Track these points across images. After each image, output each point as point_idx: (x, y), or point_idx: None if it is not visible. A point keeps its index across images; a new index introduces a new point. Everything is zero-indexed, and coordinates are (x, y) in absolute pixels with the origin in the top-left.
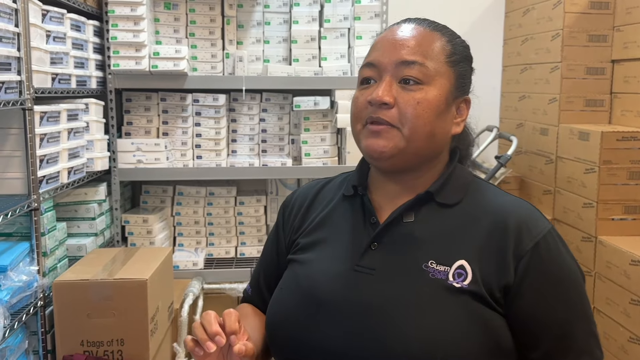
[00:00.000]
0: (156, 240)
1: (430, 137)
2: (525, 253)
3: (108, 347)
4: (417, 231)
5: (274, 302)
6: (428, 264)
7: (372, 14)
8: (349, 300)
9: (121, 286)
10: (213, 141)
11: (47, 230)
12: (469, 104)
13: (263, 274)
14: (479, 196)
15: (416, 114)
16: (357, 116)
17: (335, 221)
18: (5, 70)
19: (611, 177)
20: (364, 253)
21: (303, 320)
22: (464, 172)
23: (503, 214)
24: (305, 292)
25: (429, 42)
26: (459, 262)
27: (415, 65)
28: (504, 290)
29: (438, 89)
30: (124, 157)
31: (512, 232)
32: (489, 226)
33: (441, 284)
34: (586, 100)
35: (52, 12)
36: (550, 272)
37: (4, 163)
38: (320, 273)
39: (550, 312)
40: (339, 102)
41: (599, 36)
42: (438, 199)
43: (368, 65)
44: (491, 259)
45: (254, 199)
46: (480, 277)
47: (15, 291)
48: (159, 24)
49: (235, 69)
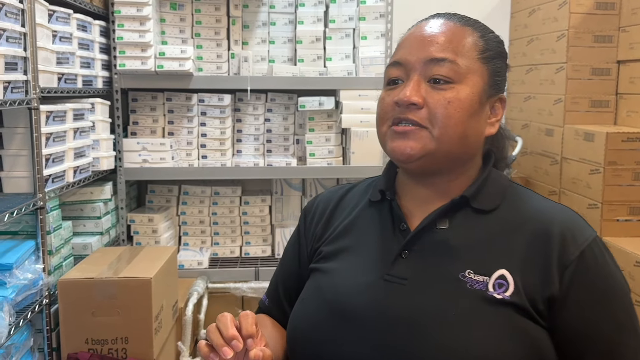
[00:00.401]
0: (161, 239)
1: (463, 139)
2: (571, 262)
3: (112, 345)
4: (452, 239)
5: (295, 315)
6: (465, 273)
7: (377, 15)
8: (379, 313)
9: (126, 285)
10: (218, 141)
11: (53, 229)
12: (504, 103)
13: (282, 284)
14: (518, 202)
15: (447, 114)
16: (383, 117)
17: (361, 228)
18: (11, 70)
19: (616, 178)
20: (394, 262)
21: (328, 334)
22: (500, 176)
23: (546, 220)
24: (331, 305)
25: (460, 38)
26: (500, 272)
27: (445, 62)
28: (548, 302)
29: (470, 87)
30: (130, 156)
31: (556, 240)
32: (531, 234)
33: (480, 295)
34: (591, 101)
35: (59, 13)
36: (596, 283)
37: (11, 162)
38: (346, 283)
39: (596, 326)
40: (343, 103)
41: (605, 37)
42: (474, 204)
43: (394, 64)
44: (534, 268)
45: (259, 198)
46: (523, 287)
47: (20, 289)
48: (165, 25)
49: (241, 69)
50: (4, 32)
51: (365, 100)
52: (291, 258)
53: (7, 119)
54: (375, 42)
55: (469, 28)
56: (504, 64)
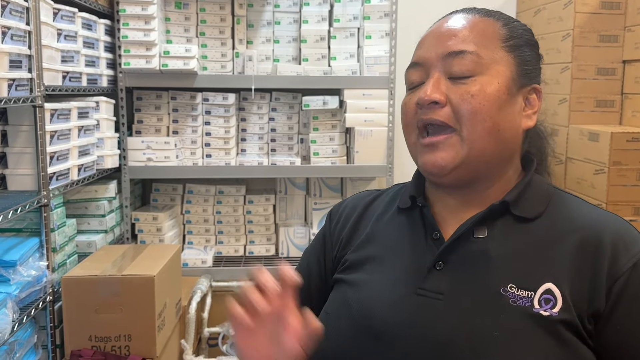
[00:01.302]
0: (166, 237)
1: (495, 134)
2: (622, 274)
3: (115, 342)
4: (492, 249)
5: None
6: (507, 287)
7: (382, 14)
8: (412, 332)
9: (129, 282)
10: (222, 140)
11: (57, 226)
12: (540, 94)
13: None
14: (564, 209)
15: (473, 110)
16: (408, 124)
17: (389, 236)
18: (16, 67)
19: (621, 178)
20: (427, 274)
21: (357, 354)
22: (543, 181)
23: (595, 229)
24: (359, 321)
25: (480, 28)
26: (546, 286)
27: (465, 54)
28: (593, 317)
29: (496, 77)
30: (134, 155)
31: (606, 249)
32: (579, 243)
33: (525, 312)
34: (597, 101)
35: (64, 11)
36: None
37: (15, 159)
38: (375, 297)
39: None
40: (347, 102)
41: (610, 36)
42: (515, 211)
43: (413, 65)
44: (582, 281)
45: (263, 197)
46: (572, 302)
47: (24, 286)
48: (170, 23)
49: (245, 68)
50: (9, 30)
51: (370, 100)
52: (314, 262)
53: (12, 116)
54: (380, 42)
55: (489, 18)
56: (534, 53)
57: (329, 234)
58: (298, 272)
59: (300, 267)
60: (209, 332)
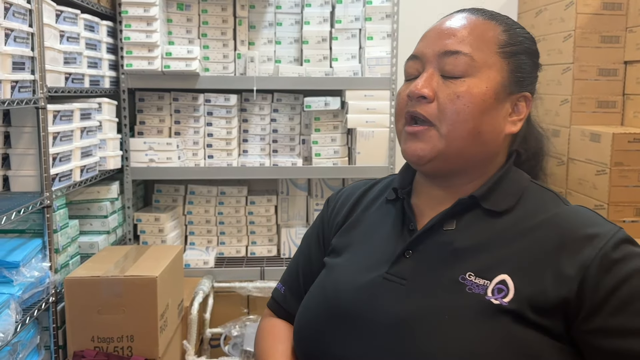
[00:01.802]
0: (168, 238)
1: (474, 136)
2: (591, 262)
3: (118, 343)
4: (457, 240)
5: (301, 310)
6: (466, 276)
7: (384, 15)
8: (375, 313)
9: (131, 283)
10: (224, 141)
11: (60, 228)
12: (530, 102)
13: (303, 270)
14: (534, 203)
15: (455, 110)
16: (399, 112)
17: (372, 225)
18: (19, 69)
19: (622, 179)
20: (395, 261)
21: (327, 332)
22: (520, 176)
23: (560, 222)
24: (331, 302)
25: (480, 32)
26: (501, 277)
27: (459, 55)
28: (562, 307)
29: (485, 81)
30: (137, 156)
31: (571, 241)
32: (543, 236)
33: (478, 299)
34: (598, 102)
35: (66, 13)
36: (625, 274)
37: (18, 161)
38: (347, 280)
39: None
40: (349, 103)
41: (612, 37)
42: (485, 205)
43: (412, 57)
44: (544, 272)
45: (265, 198)
46: (527, 294)
47: (27, 287)
48: (172, 25)
49: (247, 69)
50: (12, 32)
51: (371, 101)
52: (315, 244)
53: (15, 118)
54: (382, 43)
55: (492, 22)
56: (531, 61)
57: (326, 218)
58: (299, 254)
59: (301, 249)
60: (211, 332)
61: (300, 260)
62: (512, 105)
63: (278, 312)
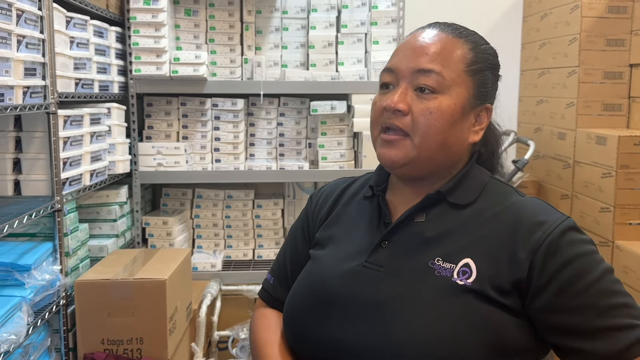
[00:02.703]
0: (176, 242)
1: (443, 146)
2: (539, 246)
3: (128, 345)
4: (427, 231)
5: (290, 296)
6: (434, 261)
7: (389, 19)
8: (356, 297)
9: (141, 286)
10: (231, 145)
11: (70, 231)
12: (490, 112)
13: (290, 260)
14: (493, 196)
15: (428, 124)
16: (375, 121)
17: (352, 219)
18: (30, 75)
19: (628, 181)
20: (373, 250)
21: (313, 316)
22: (481, 172)
23: (515, 211)
24: (316, 289)
25: (449, 50)
26: (465, 261)
27: (431, 73)
28: (517, 286)
29: (454, 98)
30: (145, 160)
31: (524, 227)
32: (500, 224)
33: (446, 281)
34: (604, 105)
35: (76, 19)
36: (569, 257)
37: (29, 165)
38: (330, 270)
39: (578, 297)
40: (355, 107)
41: (617, 40)
42: (450, 198)
43: (387, 70)
44: (501, 256)
45: (272, 202)
46: (488, 275)
47: (38, 290)
48: (180, 30)
49: (254, 74)
50: (24, 38)
51: None
52: (300, 237)
53: (26, 123)
54: (387, 47)
55: (460, 40)
56: (493, 76)
57: (310, 213)
58: (286, 246)
59: (288, 242)
60: (219, 335)
61: (287, 252)
62: (475, 116)
63: (268, 300)
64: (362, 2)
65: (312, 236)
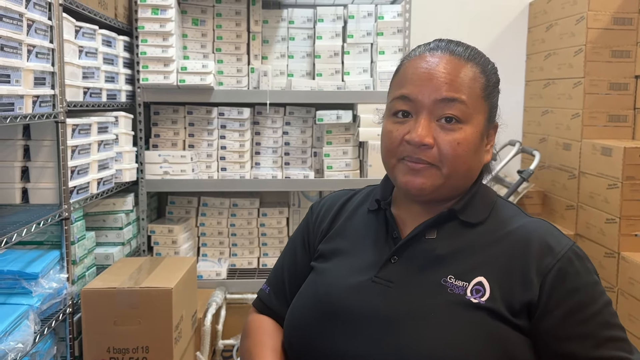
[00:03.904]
0: (181, 250)
1: (467, 172)
2: (550, 270)
3: (133, 354)
4: (438, 248)
5: (293, 308)
6: (447, 278)
7: (395, 30)
8: (365, 311)
9: (147, 294)
10: (237, 153)
11: (77, 239)
12: (497, 129)
13: (288, 271)
14: (502, 216)
15: (456, 155)
16: (392, 151)
17: (357, 233)
18: (40, 84)
19: (634, 192)
20: (383, 266)
21: (319, 329)
22: (489, 191)
23: (525, 233)
24: (322, 301)
25: (467, 77)
26: (478, 279)
27: (456, 102)
28: (527, 306)
29: (475, 126)
30: (151, 168)
31: (534, 249)
32: (511, 245)
33: (459, 299)
34: (609, 116)
35: (85, 29)
36: (577, 286)
37: (37, 174)
38: (338, 283)
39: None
40: (361, 116)
41: (622, 52)
42: (462, 217)
43: (403, 98)
44: (513, 277)
45: (277, 210)
46: (500, 294)
47: (45, 298)
48: (187, 40)
49: (260, 83)
50: (34, 48)
51: None
52: (300, 247)
53: (35, 132)
54: (393, 57)
55: (472, 63)
56: (498, 94)
57: (311, 224)
58: (285, 256)
59: (287, 252)
60: (224, 344)
61: (285, 262)
62: (486, 137)
63: (263, 310)
64: (368, 13)
65: (313, 247)
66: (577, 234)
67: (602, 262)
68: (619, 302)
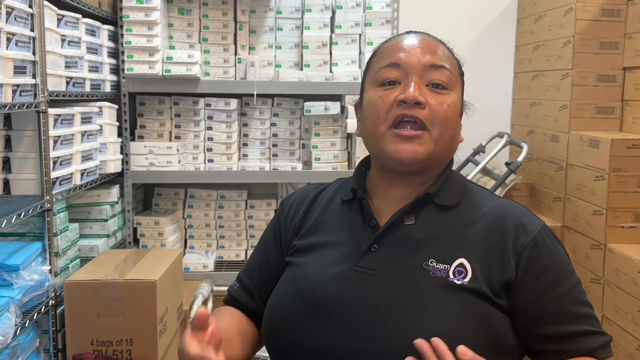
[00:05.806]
0: (167, 242)
1: (452, 140)
2: (524, 248)
3: (117, 346)
4: (417, 233)
5: (272, 304)
6: (428, 262)
7: (383, 20)
8: (349, 301)
9: (131, 286)
10: (224, 145)
11: (60, 231)
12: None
13: (258, 269)
14: (475, 199)
15: (447, 117)
16: (383, 117)
17: (332, 225)
18: (20, 73)
19: (621, 184)
20: (363, 255)
21: (303, 322)
22: (459, 175)
23: (499, 213)
24: (304, 295)
25: (445, 52)
26: (459, 261)
27: (444, 70)
28: (506, 285)
29: (458, 95)
30: (137, 159)
31: (509, 229)
32: (487, 226)
33: (442, 281)
34: (597, 108)
35: (68, 17)
36: (550, 264)
37: (19, 164)
38: (318, 275)
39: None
40: (349, 107)
41: (611, 43)
42: (437, 200)
43: (392, 65)
44: (491, 256)
45: (265, 202)
46: (481, 274)
47: (27, 290)
48: (173, 29)
49: (247, 73)
50: (13, 36)
51: None
52: (272, 243)
53: (16, 121)
54: None
55: (444, 46)
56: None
57: (282, 219)
58: (256, 252)
59: (259, 248)
60: None
61: (256, 258)
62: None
63: (232, 305)
64: (356, 3)
65: (285, 242)
66: (564, 226)
67: (589, 253)
68: (605, 293)
